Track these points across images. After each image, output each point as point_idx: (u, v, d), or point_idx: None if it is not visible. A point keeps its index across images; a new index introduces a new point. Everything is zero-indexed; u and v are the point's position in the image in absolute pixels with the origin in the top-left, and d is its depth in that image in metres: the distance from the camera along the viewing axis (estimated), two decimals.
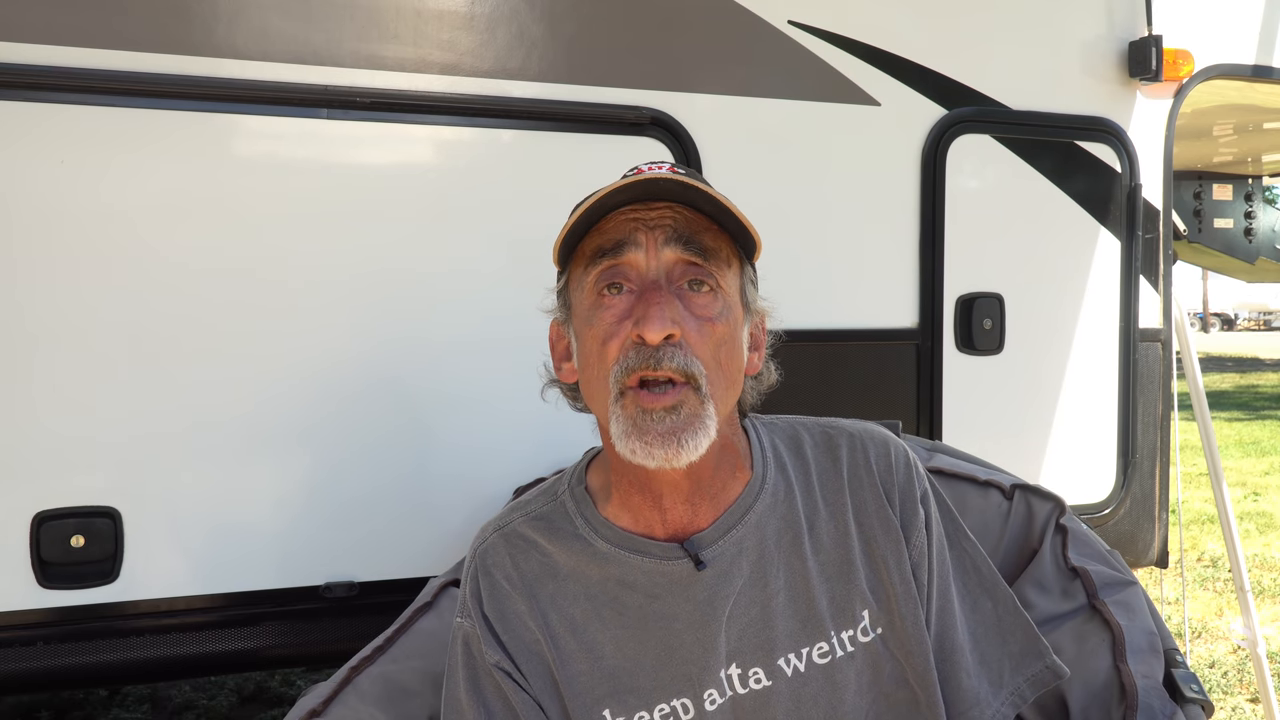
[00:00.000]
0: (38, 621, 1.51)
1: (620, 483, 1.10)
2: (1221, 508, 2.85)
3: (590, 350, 1.05)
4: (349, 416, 1.65)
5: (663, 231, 1.03)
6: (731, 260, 1.07)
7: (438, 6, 1.69)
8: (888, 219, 2.01)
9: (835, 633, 1.09)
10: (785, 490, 1.13)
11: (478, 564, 1.13)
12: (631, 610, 1.08)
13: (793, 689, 1.07)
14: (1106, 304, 2.19)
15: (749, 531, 1.10)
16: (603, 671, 1.07)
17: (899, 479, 1.15)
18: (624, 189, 1.01)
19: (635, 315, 1.01)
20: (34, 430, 1.50)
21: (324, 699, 1.24)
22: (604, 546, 1.09)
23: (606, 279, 1.03)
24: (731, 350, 1.05)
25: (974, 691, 1.12)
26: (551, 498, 1.16)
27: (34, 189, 1.49)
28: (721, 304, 1.04)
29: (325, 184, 1.63)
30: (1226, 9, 2.33)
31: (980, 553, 1.20)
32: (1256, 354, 23.13)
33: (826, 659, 1.08)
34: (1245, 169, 3.81)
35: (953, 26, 2.04)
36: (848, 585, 1.11)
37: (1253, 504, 6.49)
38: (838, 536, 1.12)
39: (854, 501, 1.14)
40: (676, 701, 1.06)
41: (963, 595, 1.17)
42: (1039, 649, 1.16)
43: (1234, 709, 3.35)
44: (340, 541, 1.64)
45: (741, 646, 1.07)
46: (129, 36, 1.52)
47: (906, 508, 1.14)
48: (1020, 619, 1.17)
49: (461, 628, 1.13)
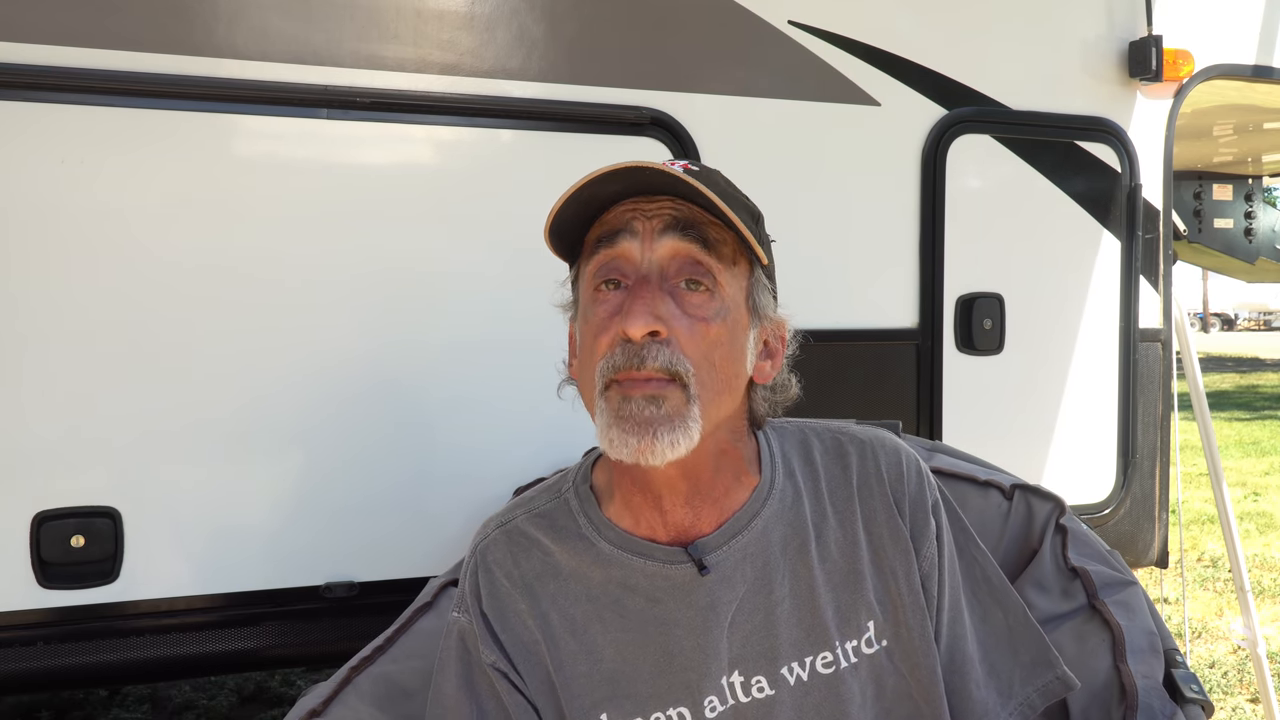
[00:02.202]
0: (38, 621, 1.51)
1: (621, 482, 1.07)
2: (1221, 508, 2.85)
3: (584, 345, 1.03)
4: (349, 417, 1.64)
5: (660, 220, 1.00)
6: (738, 259, 1.03)
7: (438, 6, 1.69)
8: (888, 219, 2.01)
9: (840, 642, 1.07)
10: (793, 497, 1.11)
11: (478, 560, 1.11)
12: (633, 614, 1.05)
13: (795, 699, 1.05)
14: (1106, 304, 2.19)
15: (754, 538, 1.07)
16: (601, 675, 1.05)
17: (910, 488, 1.13)
18: (610, 176, 0.98)
19: (624, 309, 0.98)
20: (34, 430, 1.49)
21: (324, 699, 1.24)
22: (606, 548, 1.07)
23: (604, 274, 1.01)
24: (728, 353, 1.01)
25: (983, 703, 1.10)
26: (555, 495, 1.13)
27: (34, 189, 1.49)
28: (719, 304, 1.00)
29: (325, 184, 1.63)
30: (1226, 9, 2.33)
31: (990, 562, 1.19)
32: (1256, 354, 23.13)
33: (830, 669, 1.06)
34: (1245, 169, 3.81)
35: (953, 27, 2.04)
36: (854, 595, 1.08)
37: (1253, 504, 6.49)
38: (845, 545, 1.10)
39: (863, 510, 1.11)
40: (674, 710, 1.04)
41: (973, 605, 1.16)
42: (1049, 659, 1.14)
43: (1234, 709, 3.35)
44: (340, 541, 1.64)
45: (744, 654, 1.05)
46: (129, 36, 1.52)
47: (917, 518, 1.12)
48: (1031, 629, 1.16)
49: (458, 622, 1.10)
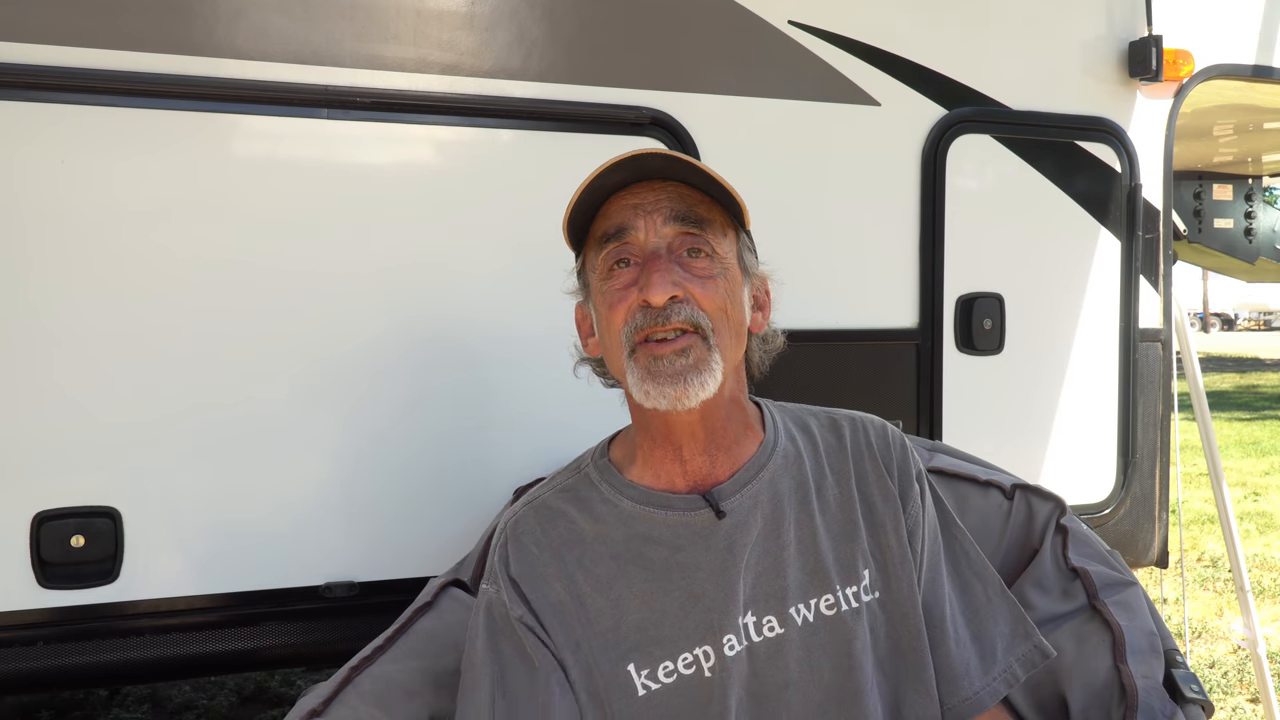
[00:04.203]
0: (38, 621, 1.51)
1: (643, 442, 1.20)
2: (1221, 508, 2.85)
3: (604, 317, 1.17)
4: (348, 417, 1.65)
5: (660, 214, 1.14)
6: (727, 230, 1.19)
7: (438, 6, 1.69)
8: (888, 219, 2.01)
9: (840, 587, 1.16)
10: (795, 456, 1.22)
11: (508, 533, 1.21)
12: (657, 564, 1.14)
13: (803, 637, 1.14)
14: (1106, 304, 2.19)
15: (763, 486, 1.18)
16: (629, 626, 1.12)
17: (896, 456, 1.25)
18: (615, 167, 1.12)
19: (640, 283, 1.12)
20: (34, 430, 1.49)
21: (324, 699, 1.24)
22: (629, 505, 1.18)
23: (614, 256, 1.15)
24: (735, 304, 1.16)
25: (963, 661, 1.18)
26: (576, 471, 1.25)
27: (34, 189, 1.49)
28: (719, 265, 1.15)
29: (325, 184, 1.63)
30: (1226, 9, 2.33)
31: (968, 538, 1.27)
32: (1256, 354, 23.13)
33: (832, 610, 1.15)
34: (1245, 169, 3.81)
35: (953, 26, 2.04)
36: (851, 544, 1.19)
37: (1253, 504, 6.49)
38: (842, 500, 1.21)
39: (856, 471, 1.23)
40: (699, 650, 1.11)
41: (953, 576, 1.24)
42: (1026, 629, 1.22)
43: (1234, 709, 3.35)
44: (340, 541, 1.64)
45: (756, 594, 1.14)
46: (129, 36, 1.52)
47: (904, 480, 1.24)
48: (1007, 600, 1.24)
49: (486, 594, 1.18)
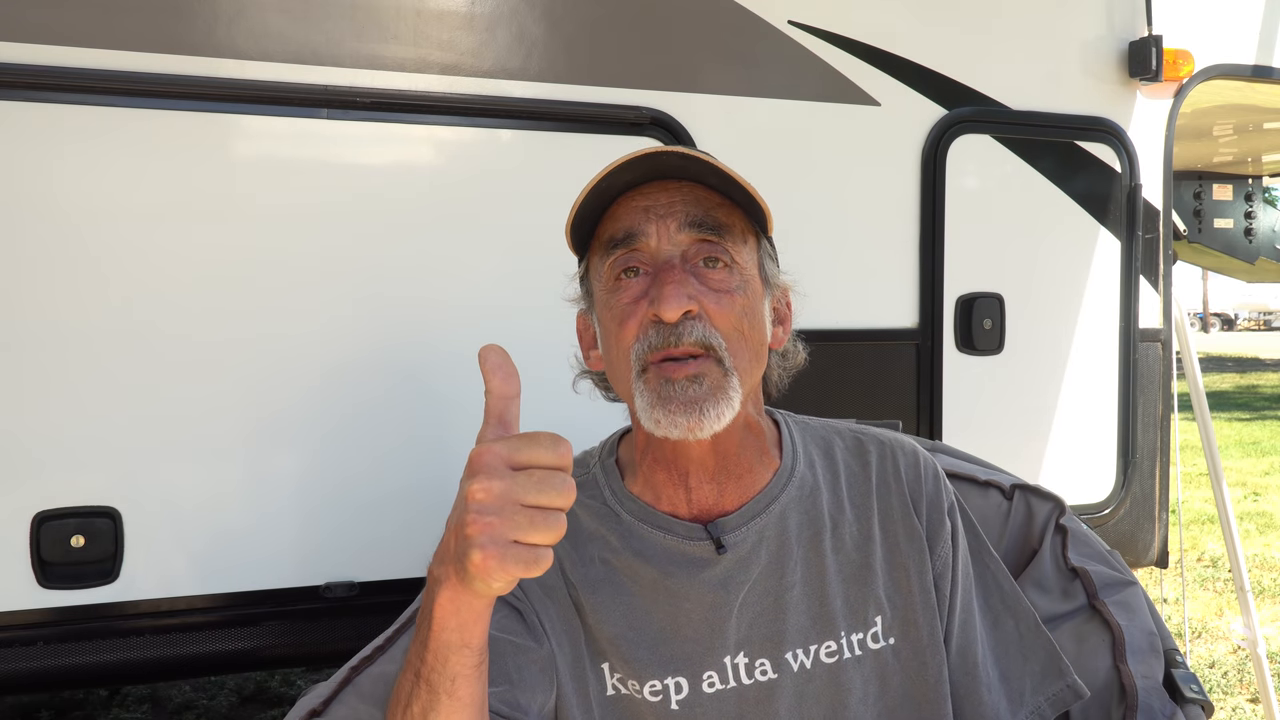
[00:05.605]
0: (38, 621, 1.51)
1: (644, 461, 1.11)
2: (1221, 508, 2.85)
3: (610, 332, 1.06)
4: (348, 417, 1.64)
5: (674, 219, 1.03)
6: (747, 236, 1.07)
7: (438, 6, 1.69)
8: (888, 219, 2.01)
9: (846, 634, 1.09)
10: (812, 487, 1.14)
11: None
12: (644, 582, 1.08)
13: (797, 685, 1.07)
14: (1106, 304, 2.19)
15: (771, 521, 1.10)
16: (605, 635, 1.07)
17: (927, 489, 1.16)
18: (627, 166, 1.01)
19: (651, 295, 1.01)
20: (34, 430, 1.49)
21: (324, 699, 1.23)
22: (627, 519, 1.11)
23: (622, 264, 1.04)
24: (753, 322, 1.05)
25: (993, 708, 1.11)
26: (584, 469, 1.18)
27: (34, 189, 1.49)
28: (739, 278, 1.04)
29: (325, 184, 1.63)
30: (1226, 9, 2.33)
31: (1003, 569, 1.20)
32: (1256, 354, 23.13)
33: (833, 659, 1.08)
34: (1245, 169, 3.81)
35: (953, 26, 2.04)
36: (864, 588, 1.10)
37: (1253, 504, 6.49)
38: (860, 540, 1.12)
39: (880, 507, 1.14)
40: (670, 680, 1.05)
41: (984, 612, 1.17)
42: (1060, 667, 1.15)
43: (1234, 709, 3.35)
44: (340, 541, 1.64)
45: (751, 636, 1.07)
46: (129, 36, 1.52)
47: (933, 518, 1.14)
48: (1042, 637, 1.17)
49: None
